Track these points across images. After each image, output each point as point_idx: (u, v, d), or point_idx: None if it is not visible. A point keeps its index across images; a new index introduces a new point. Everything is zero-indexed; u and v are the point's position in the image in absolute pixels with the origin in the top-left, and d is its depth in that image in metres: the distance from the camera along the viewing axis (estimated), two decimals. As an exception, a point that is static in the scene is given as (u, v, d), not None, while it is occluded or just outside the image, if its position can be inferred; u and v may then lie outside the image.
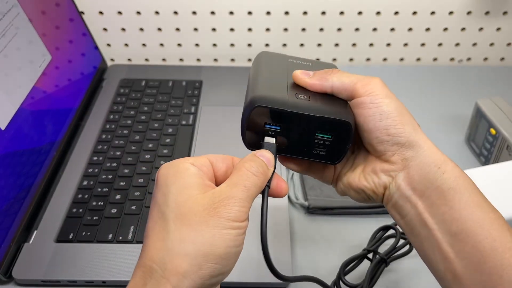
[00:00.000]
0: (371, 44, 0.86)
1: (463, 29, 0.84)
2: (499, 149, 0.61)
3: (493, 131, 0.62)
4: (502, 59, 0.89)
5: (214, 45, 0.86)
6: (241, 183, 0.31)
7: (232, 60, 0.89)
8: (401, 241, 0.50)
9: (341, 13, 0.82)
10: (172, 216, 0.30)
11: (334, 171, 0.40)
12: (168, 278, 0.28)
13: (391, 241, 0.51)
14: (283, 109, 0.34)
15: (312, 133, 0.35)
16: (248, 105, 0.35)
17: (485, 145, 0.64)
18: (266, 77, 0.38)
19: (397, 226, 0.50)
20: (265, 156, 0.34)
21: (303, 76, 0.38)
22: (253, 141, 0.36)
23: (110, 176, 0.61)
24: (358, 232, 0.57)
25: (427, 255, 0.35)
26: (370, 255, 0.50)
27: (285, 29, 0.84)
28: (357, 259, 0.50)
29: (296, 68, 0.39)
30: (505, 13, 0.82)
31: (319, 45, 0.86)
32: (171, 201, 0.30)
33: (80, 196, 0.59)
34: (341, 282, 0.48)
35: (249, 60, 0.88)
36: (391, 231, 0.52)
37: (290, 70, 0.39)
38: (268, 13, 0.82)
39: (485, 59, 0.88)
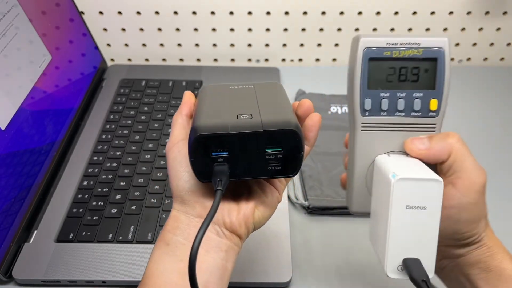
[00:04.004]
0: (371, 44, 0.86)
1: (463, 29, 0.84)
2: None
3: None
4: (502, 59, 0.89)
5: (214, 45, 0.86)
6: None
7: (232, 60, 0.89)
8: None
9: (341, 13, 0.82)
10: None
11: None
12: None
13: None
14: (225, 133, 0.33)
15: (262, 150, 0.34)
16: (190, 137, 0.34)
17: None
18: (208, 106, 0.38)
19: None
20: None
21: (416, 146, 0.37)
22: (205, 171, 0.35)
23: (110, 176, 0.61)
24: (358, 232, 0.57)
25: None
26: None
27: (285, 29, 0.84)
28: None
29: (238, 93, 0.39)
30: (505, 13, 0.82)
31: (319, 45, 0.86)
32: None
33: (80, 196, 0.59)
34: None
35: (249, 60, 0.88)
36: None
37: (232, 94, 0.39)
38: (268, 13, 0.82)
39: (485, 59, 0.89)
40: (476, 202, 0.36)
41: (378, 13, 0.82)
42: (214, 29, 0.84)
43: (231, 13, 0.82)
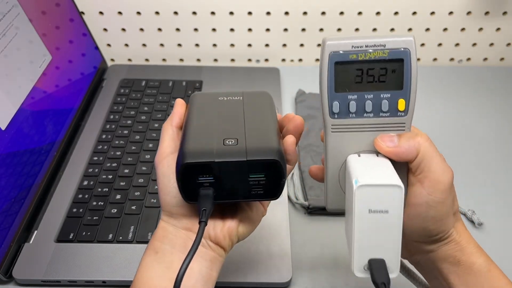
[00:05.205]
0: (371, 44, 0.86)
1: (463, 29, 0.84)
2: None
3: None
4: (502, 59, 0.89)
5: (214, 45, 0.87)
6: None
7: (232, 60, 0.89)
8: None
9: (341, 13, 0.82)
10: None
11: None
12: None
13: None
14: (210, 161, 0.35)
15: (245, 176, 0.36)
16: (178, 162, 0.36)
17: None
18: (196, 126, 0.39)
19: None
20: None
21: (384, 145, 0.38)
22: (191, 194, 0.37)
23: (110, 176, 0.61)
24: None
25: None
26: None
27: (285, 29, 0.84)
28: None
29: (226, 108, 0.41)
30: (505, 13, 0.82)
31: (319, 45, 0.86)
32: None
33: (80, 196, 0.59)
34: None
35: (249, 60, 0.88)
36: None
37: (220, 111, 0.41)
38: (268, 13, 0.82)
39: (485, 59, 0.89)
40: (442, 201, 0.36)
41: (378, 13, 0.82)
42: (214, 29, 0.84)
43: (231, 13, 0.82)
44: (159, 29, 0.85)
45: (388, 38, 0.36)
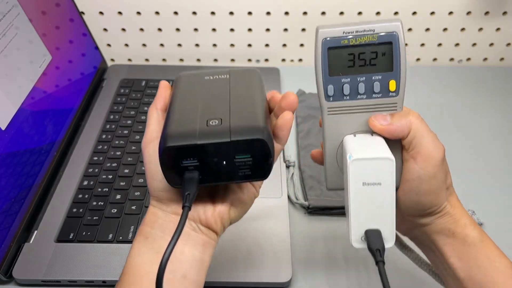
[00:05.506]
0: (371, 44, 0.86)
1: (462, 29, 0.85)
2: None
3: None
4: (502, 59, 0.89)
5: (214, 45, 0.87)
6: None
7: (232, 60, 0.89)
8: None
9: (341, 13, 0.82)
10: None
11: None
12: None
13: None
14: (193, 144, 0.33)
15: (231, 157, 0.35)
16: (160, 146, 0.34)
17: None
18: (179, 108, 0.38)
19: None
20: None
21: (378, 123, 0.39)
22: (177, 178, 0.35)
23: (110, 176, 0.61)
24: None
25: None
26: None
27: (285, 29, 0.84)
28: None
29: (212, 87, 0.40)
30: (504, 13, 0.82)
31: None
32: None
33: (80, 196, 0.59)
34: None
35: (249, 60, 0.88)
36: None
37: (205, 90, 0.39)
38: (268, 13, 0.82)
39: (485, 59, 0.89)
40: (434, 176, 0.38)
41: (378, 13, 0.82)
42: (214, 29, 0.84)
43: (231, 13, 0.82)
44: (159, 29, 0.85)
45: (377, 23, 0.38)
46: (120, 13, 0.82)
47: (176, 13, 0.82)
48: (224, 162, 0.35)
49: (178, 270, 0.36)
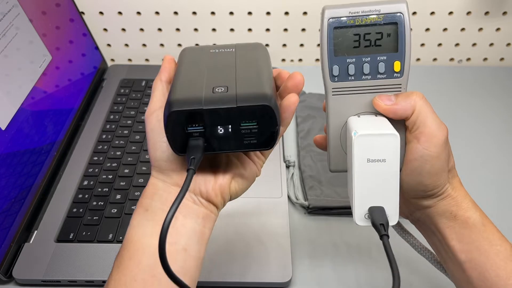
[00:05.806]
0: (371, 44, 0.86)
1: (462, 29, 0.85)
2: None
3: None
4: (502, 59, 0.89)
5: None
6: None
7: (232, 60, 0.89)
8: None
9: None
10: None
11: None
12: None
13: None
14: (198, 109, 0.33)
15: (237, 124, 0.34)
16: (165, 111, 0.34)
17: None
18: (185, 76, 0.37)
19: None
20: None
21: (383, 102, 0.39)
22: (181, 146, 0.35)
23: (110, 176, 0.61)
24: (358, 232, 0.57)
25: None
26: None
27: (285, 29, 0.84)
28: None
29: (217, 58, 0.40)
30: (504, 13, 0.82)
31: (319, 45, 0.86)
32: None
33: (80, 196, 0.59)
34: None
35: (249, 60, 0.88)
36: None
37: (211, 61, 0.39)
38: (268, 13, 0.82)
39: (485, 59, 0.89)
40: (437, 156, 0.38)
41: (378, 13, 0.82)
42: (214, 29, 0.84)
43: (231, 13, 0.82)
44: (159, 29, 0.85)
45: (383, 4, 0.38)
46: (120, 13, 0.82)
47: (176, 13, 0.82)
48: (230, 129, 0.34)
49: (178, 242, 0.35)
